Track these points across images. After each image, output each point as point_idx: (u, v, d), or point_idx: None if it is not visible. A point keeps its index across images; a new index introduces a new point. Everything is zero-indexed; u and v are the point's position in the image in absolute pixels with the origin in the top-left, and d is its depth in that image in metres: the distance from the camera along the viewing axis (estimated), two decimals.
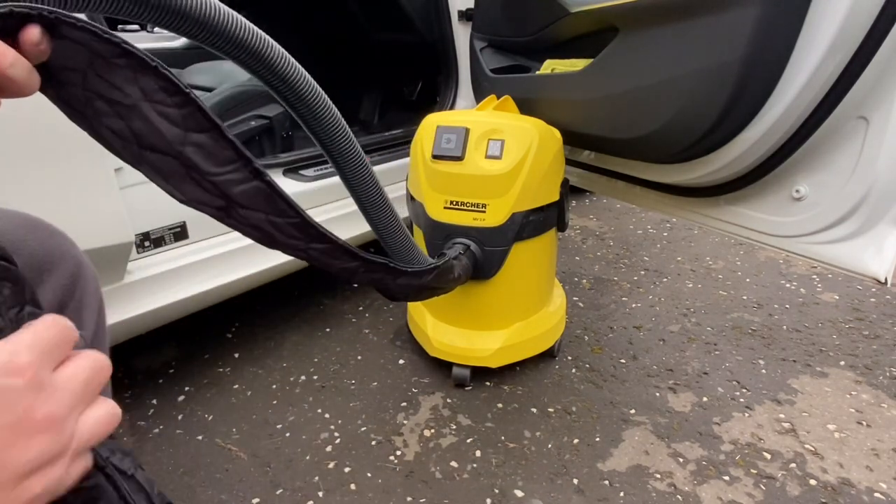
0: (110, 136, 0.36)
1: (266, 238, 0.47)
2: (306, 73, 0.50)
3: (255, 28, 0.44)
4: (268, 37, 0.45)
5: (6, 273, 0.29)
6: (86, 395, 0.28)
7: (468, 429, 1.26)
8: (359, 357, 1.53)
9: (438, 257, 1.03)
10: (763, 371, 1.43)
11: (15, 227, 0.51)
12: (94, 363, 0.29)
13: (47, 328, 0.27)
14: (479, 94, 1.61)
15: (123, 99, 0.35)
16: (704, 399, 1.34)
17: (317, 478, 1.14)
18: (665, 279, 1.91)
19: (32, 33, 0.30)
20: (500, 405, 1.33)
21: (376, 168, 1.84)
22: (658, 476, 1.13)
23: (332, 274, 0.59)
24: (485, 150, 1.19)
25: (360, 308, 1.77)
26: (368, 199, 0.65)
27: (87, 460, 0.29)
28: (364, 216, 0.69)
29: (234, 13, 0.42)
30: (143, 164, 0.38)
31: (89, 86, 0.34)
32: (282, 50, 0.47)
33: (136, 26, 2.36)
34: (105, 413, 0.29)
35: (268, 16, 2.33)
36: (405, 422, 1.29)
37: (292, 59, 0.48)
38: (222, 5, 0.41)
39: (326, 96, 0.53)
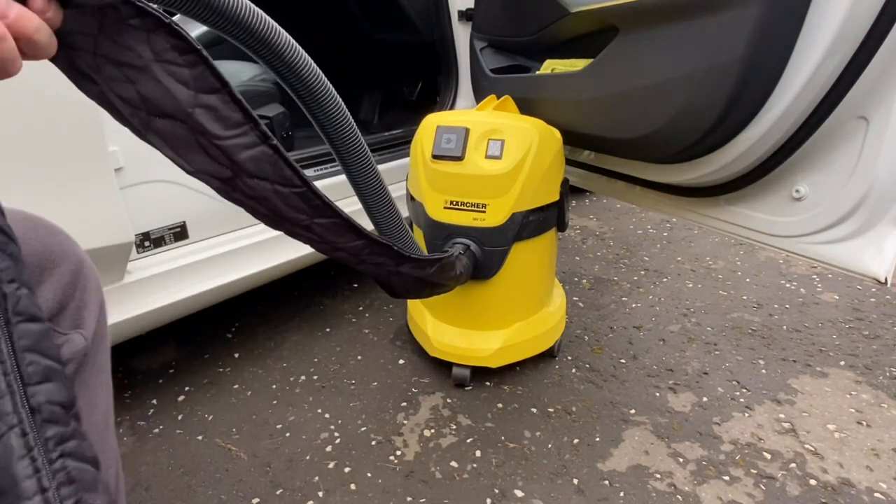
0: (119, 103, 0.36)
1: (271, 213, 0.46)
2: (316, 68, 0.50)
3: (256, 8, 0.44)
4: (273, 22, 0.45)
5: (6, 247, 0.29)
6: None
7: (468, 429, 1.26)
8: (359, 357, 1.53)
9: (441, 253, 1.03)
10: (763, 371, 1.43)
11: (16, 226, 0.51)
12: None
13: None
14: (479, 94, 1.61)
15: (135, 61, 0.34)
16: (704, 399, 1.34)
17: (317, 478, 1.14)
18: (665, 279, 1.91)
19: (36, 2, 0.30)
20: (500, 405, 1.33)
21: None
22: (658, 476, 1.13)
23: (336, 259, 0.58)
24: (485, 150, 1.19)
25: (360, 308, 1.77)
26: (372, 194, 0.65)
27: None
28: (366, 212, 0.69)
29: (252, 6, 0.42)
30: (151, 132, 0.37)
31: (100, 50, 0.33)
32: (288, 37, 0.47)
33: None
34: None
35: (269, 15, 2.33)
36: (405, 422, 1.29)
37: (298, 47, 0.48)
38: None
39: (333, 89, 0.53)
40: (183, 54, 0.35)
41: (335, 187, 1.56)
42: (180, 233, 1.24)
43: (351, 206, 1.66)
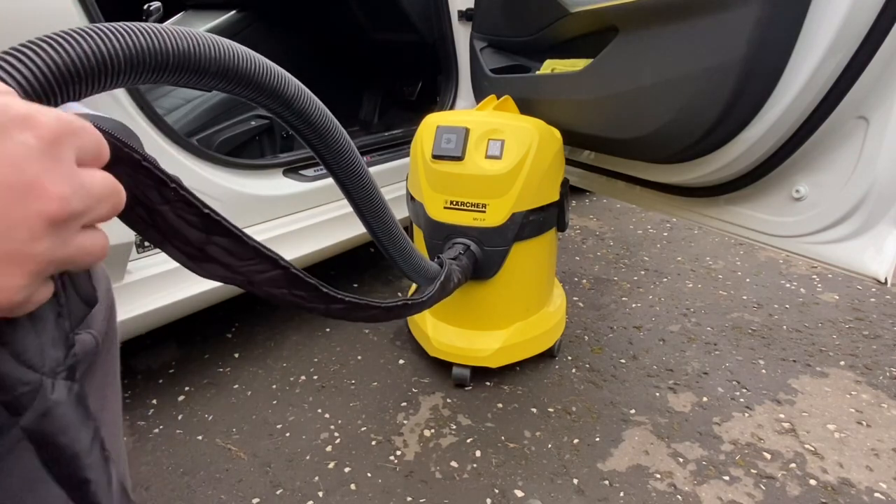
0: (135, 220, 0.37)
1: (287, 304, 0.50)
2: (329, 114, 0.53)
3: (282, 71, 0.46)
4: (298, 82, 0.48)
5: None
6: (95, 207, 0.25)
7: (468, 429, 1.26)
8: (359, 357, 1.53)
9: (438, 264, 1.04)
10: (763, 371, 1.43)
11: None
12: (115, 186, 0.26)
13: (87, 128, 0.25)
14: (479, 94, 1.61)
15: (146, 200, 0.35)
16: (704, 399, 1.34)
17: (317, 478, 1.14)
18: (665, 279, 1.91)
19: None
20: (500, 405, 1.33)
21: (375, 168, 1.85)
22: (658, 476, 1.13)
23: (355, 321, 0.64)
24: (485, 150, 1.19)
25: None
26: (378, 221, 0.69)
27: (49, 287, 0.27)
28: (376, 241, 0.74)
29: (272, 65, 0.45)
30: (166, 248, 0.39)
31: (117, 177, 0.35)
32: (304, 90, 0.50)
33: None
34: (100, 239, 0.27)
35: (269, 16, 2.33)
36: (405, 422, 1.29)
37: (313, 97, 0.51)
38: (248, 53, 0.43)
39: (344, 132, 0.55)
40: (191, 206, 0.37)
41: (335, 187, 1.56)
42: None
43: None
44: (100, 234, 0.27)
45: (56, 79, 0.28)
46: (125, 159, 0.32)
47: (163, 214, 0.36)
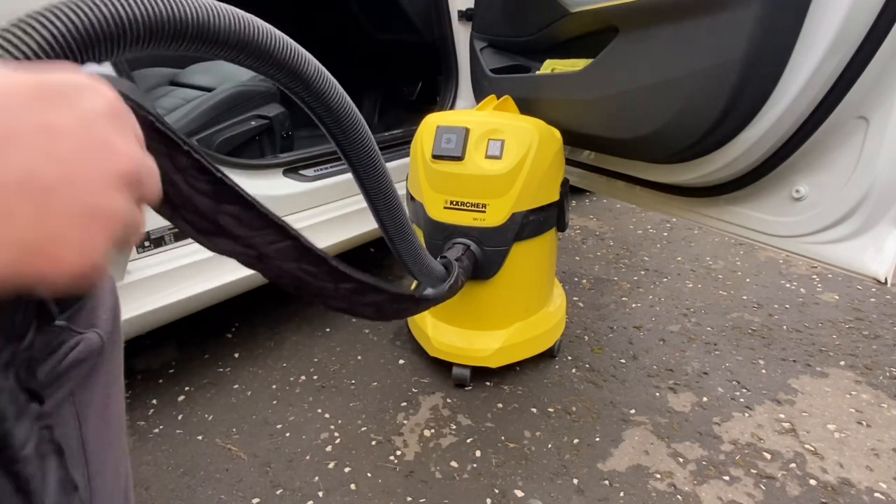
0: None
1: (295, 283, 0.49)
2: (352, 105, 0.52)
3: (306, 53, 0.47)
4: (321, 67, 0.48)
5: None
6: (149, 179, 0.27)
7: (468, 429, 1.26)
8: (359, 357, 1.53)
9: (443, 264, 1.04)
10: (763, 371, 1.43)
11: None
12: (156, 167, 0.28)
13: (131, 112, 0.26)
14: (479, 94, 1.61)
15: (158, 168, 0.36)
16: (704, 399, 1.34)
17: (317, 478, 1.14)
18: (665, 279, 1.91)
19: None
20: (500, 405, 1.33)
21: None
22: (658, 476, 1.13)
23: (358, 315, 0.62)
24: (485, 150, 1.19)
25: None
26: (389, 214, 0.68)
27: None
28: (386, 238, 0.72)
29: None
30: (177, 221, 0.39)
31: None
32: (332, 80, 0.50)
33: None
34: (144, 218, 0.28)
35: (268, 15, 2.33)
36: (405, 422, 1.29)
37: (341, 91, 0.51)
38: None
39: (362, 118, 0.55)
40: (203, 172, 0.38)
41: (335, 187, 1.57)
42: (180, 233, 1.24)
43: (350, 206, 1.66)
44: (142, 214, 0.28)
45: (77, 41, 0.29)
46: (142, 122, 0.33)
47: (175, 184, 0.36)
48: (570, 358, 1.49)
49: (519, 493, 1.09)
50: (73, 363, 0.41)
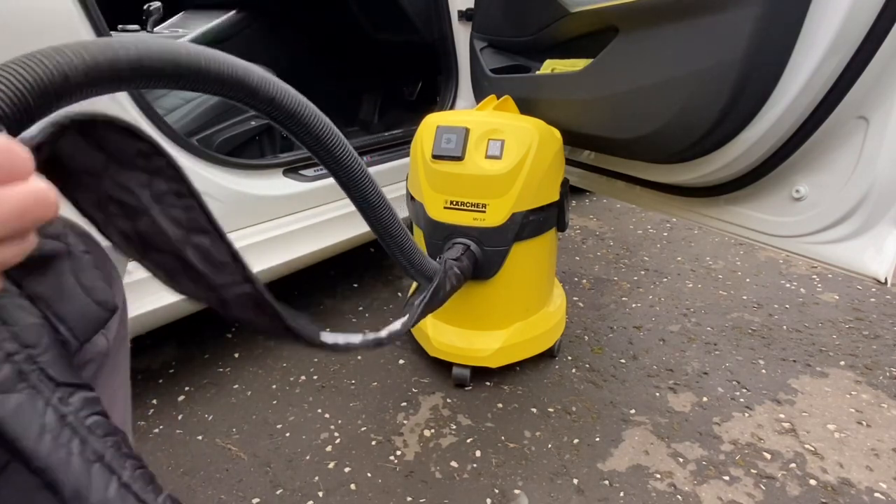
0: (117, 236, 0.38)
1: (255, 328, 0.49)
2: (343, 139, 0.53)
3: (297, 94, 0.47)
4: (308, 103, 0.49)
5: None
6: (10, 223, 0.25)
7: (468, 429, 1.26)
8: (359, 357, 1.53)
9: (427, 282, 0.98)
10: (763, 371, 1.43)
11: (47, 227, 0.52)
12: (37, 196, 0.25)
13: None
14: (479, 94, 1.61)
15: (135, 202, 0.36)
16: (704, 399, 1.34)
17: (317, 478, 1.14)
18: (665, 279, 1.91)
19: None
20: (500, 405, 1.33)
21: (376, 168, 1.85)
22: (658, 476, 1.13)
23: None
24: (485, 150, 1.19)
25: (360, 308, 1.77)
26: (375, 216, 0.68)
27: None
28: (382, 243, 0.73)
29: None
30: (145, 261, 0.40)
31: (104, 189, 0.35)
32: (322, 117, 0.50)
33: (135, 25, 2.36)
34: (24, 247, 0.26)
35: (268, 16, 2.33)
36: (405, 422, 1.29)
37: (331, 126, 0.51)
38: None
39: (357, 155, 0.57)
40: (180, 198, 0.38)
41: (335, 187, 1.56)
42: None
43: (351, 206, 1.66)
44: (25, 244, 0.26)
45: (22, 104, 0.29)
46: (128, 146, 0.33)
47: (151, 217, 0.37)
48: (570, 358, 1.49)
49: (519, 493, 1.09)
50: (78, 365, 0.41)
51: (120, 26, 2.33)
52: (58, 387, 0.35)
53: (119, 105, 1.10)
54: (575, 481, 1.12)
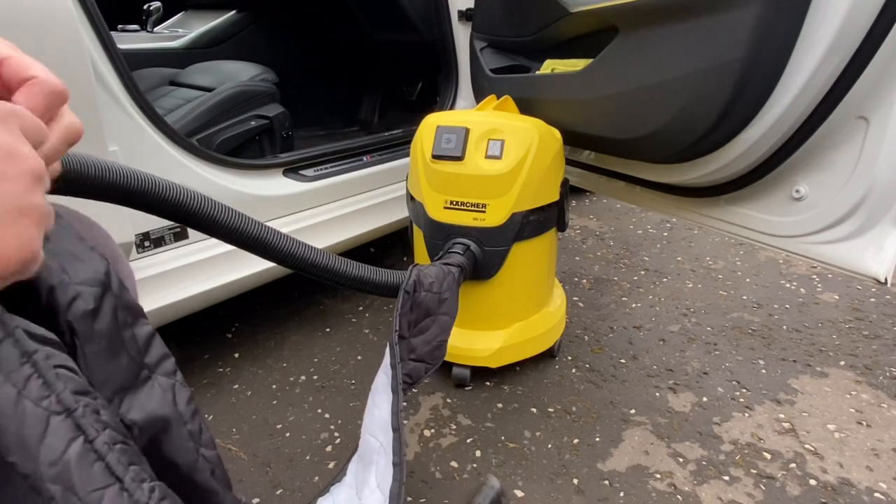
0: None
1: None
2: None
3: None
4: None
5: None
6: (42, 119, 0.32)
7: (468, 429, 1.26)
8: (359, 357, 1.53)
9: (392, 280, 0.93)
10: (763, 371, 1.43)
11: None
12: (50, 87, 0.33)
13: (22, 111, 0.31)
14: (479, 94, 1.61)
15: None
16: (704, 399, 1.34)
17: (317, 478, 1.14)
18: (665, 279, 1.91)
19: None
20: (500, 405, 1.33)
21: (376, 168, 1.84)
22: (658, 476, 1.13)
23: None
24: (485, 150, 1.19)
25: (360, 308, 1.77)
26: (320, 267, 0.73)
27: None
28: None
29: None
30: None
31: None
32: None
33: (135, 25, 2.36)
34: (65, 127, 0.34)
35: (268, 16, 2.33)
36: (405, 422, 1.29)
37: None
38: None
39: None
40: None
41: (335, 187, 1.57)
42: (180, 233, 1.24)
43: (351, 206, 1.66)
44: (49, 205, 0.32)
45: None
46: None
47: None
48: (570, 358, 1.49)
49: (519, 493, 1.09)
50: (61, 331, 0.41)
51: (120, 26, 2.33)
52: (30, 337, 0.31)
53: (118, 104, 1.10)
54: (575, 481, 1.12)
